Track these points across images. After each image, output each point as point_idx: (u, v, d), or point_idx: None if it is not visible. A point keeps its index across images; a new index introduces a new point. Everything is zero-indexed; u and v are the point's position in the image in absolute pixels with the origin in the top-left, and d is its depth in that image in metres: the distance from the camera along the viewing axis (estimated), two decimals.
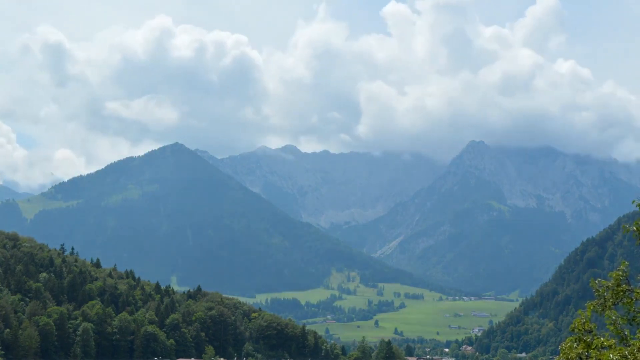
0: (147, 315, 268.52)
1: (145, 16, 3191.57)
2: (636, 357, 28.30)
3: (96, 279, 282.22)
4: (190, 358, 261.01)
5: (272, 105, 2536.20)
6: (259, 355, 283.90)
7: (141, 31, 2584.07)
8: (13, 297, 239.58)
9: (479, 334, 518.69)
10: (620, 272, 30.96)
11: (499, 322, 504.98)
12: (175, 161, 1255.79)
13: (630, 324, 30.70)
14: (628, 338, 30.34)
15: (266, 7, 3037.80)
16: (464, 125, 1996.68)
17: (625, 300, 30.60)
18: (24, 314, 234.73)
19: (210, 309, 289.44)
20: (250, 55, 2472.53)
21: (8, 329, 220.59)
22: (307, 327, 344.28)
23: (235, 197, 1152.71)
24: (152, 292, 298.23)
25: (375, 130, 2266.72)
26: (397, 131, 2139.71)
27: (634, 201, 31.45)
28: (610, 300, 30.78)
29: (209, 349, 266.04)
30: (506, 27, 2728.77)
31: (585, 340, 30.39)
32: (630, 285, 30.88)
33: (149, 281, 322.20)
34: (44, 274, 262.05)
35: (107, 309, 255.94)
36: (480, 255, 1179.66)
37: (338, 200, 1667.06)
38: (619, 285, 30.73)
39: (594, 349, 29.95)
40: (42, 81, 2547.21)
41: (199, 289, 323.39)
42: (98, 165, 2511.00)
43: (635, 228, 30.92)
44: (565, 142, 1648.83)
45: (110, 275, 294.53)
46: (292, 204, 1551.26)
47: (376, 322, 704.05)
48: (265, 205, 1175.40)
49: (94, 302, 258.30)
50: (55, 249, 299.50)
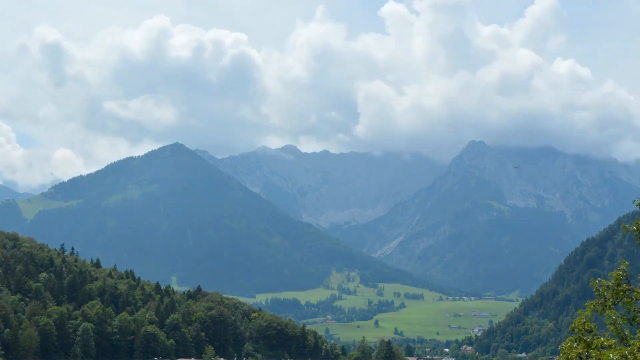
0: (147, 315, 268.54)
1: (144, 16, 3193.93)
2: (636, 357, 28.29)
3: (96, 279, 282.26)
4: (190, 358, 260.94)
5: (272, 105, 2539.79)
6: (259, 355, 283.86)
7: (139, 31, 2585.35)
8: (13, 297, 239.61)
9: (479, 334, 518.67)
10: (621, 272, 30.97)
11: (499, 322, 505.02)
12: (175, 161, 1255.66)
13: (630, 324, 30.71)
14: (628, 338, 30.33)
15: (265, 7, 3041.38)
16: (463, 125, 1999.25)
17: (625, 300, 30.61)
18: (24, 314, 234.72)
19: (210, 309, 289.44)
20: (250, 55, 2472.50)
21: (8, 329, 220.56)
22: (307, 327, 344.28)
23: (235, 197, 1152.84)
24: (152, 292, 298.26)
25: (374, 130, 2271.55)
26: (396, 131, 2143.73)
27: (634, 201, 31.47)
28: (611, 300, 30.79)
29: (209, 349, 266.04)
30: (505, 27, 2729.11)
31: (585, 340, 30.39)
32: (630, 285, 30.88)
33: (149, 281, 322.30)
34: (44, 274, 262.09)
35: (107, 309, 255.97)
36: (480, 255, 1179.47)
37: (338, 200, 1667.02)
38: (619, 285, 30.74)
39: (594, 348, 29.95)
40: (41, 81, 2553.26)
41: (199, 289, 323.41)
42: (97, 165, 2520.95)
43: (635, 228, 30.93)
44: (565, 142, 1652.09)
45: (110, 275, 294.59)
46: (292, 204, 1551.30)
47: (376, 322, 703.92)
48: (265, 205, 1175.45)
49: (94, 302, 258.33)
50: (55, 249, 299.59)
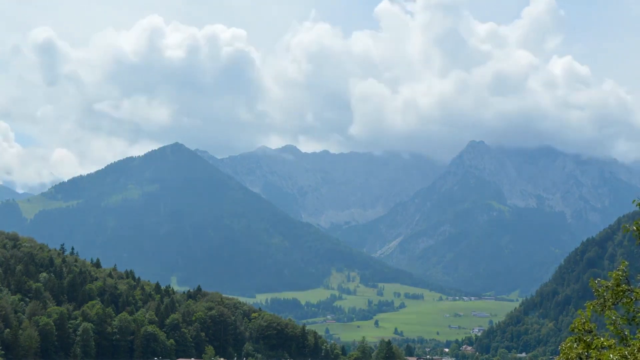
0: (147, 315, 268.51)
1: (139, 15, 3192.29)
2: (636, 357, 28.29)
3: (96, 279, 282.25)
4: (190, 358, 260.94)
5: (272, 105, 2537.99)
6: (259, 355, 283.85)
7: (134, 30, 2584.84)
8: (13, 297, 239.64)
9: (479, 334, 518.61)
10: (620, 272, 30.96)
11: (499, 322, 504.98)
12: (175, 161, 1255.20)
13: (630, 324, 30.70)
14: (628, 338, 30.34)
15: (261, 6, 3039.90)
16: (459, 124, 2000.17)
17: (625, 300, 30.60)
18: (24, 314, 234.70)
19: (210, 309, 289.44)
20: (247, 52, 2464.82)
21: (8, 329, 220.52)
22: (307, 327, 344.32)
23: (235, 197, 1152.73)
24: (152, 292, 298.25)
25: (369, 130, 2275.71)
26: (390, 130, 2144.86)
27: (634, 201, 31.45)
28: (610, 300, 30.79)
29: (209, 349, 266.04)
30: (502, 26, 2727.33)
31: (585, 340, 30.40)
32: (630, 285, 30.88)
33: (149, 281, 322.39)
34: (44, 274, 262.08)
35: (107, 309, 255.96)
36: (480, 255, 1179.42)
37: (338, 200, 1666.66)
38: (618, 285, 30.74)
39: (594, 349, 29.96)
40: (37, 81, 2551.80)
41: (199, 289, 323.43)
42: (94, 165, 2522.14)
43: (635, 228, 30.93)
44: (565, 142, 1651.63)
45: (110, 275, 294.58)
46: (292, 204, 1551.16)
47: (376, 322, 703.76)
48: (265, 205, 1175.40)
49: (94, 302, 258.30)
50: (55, 249, 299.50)
